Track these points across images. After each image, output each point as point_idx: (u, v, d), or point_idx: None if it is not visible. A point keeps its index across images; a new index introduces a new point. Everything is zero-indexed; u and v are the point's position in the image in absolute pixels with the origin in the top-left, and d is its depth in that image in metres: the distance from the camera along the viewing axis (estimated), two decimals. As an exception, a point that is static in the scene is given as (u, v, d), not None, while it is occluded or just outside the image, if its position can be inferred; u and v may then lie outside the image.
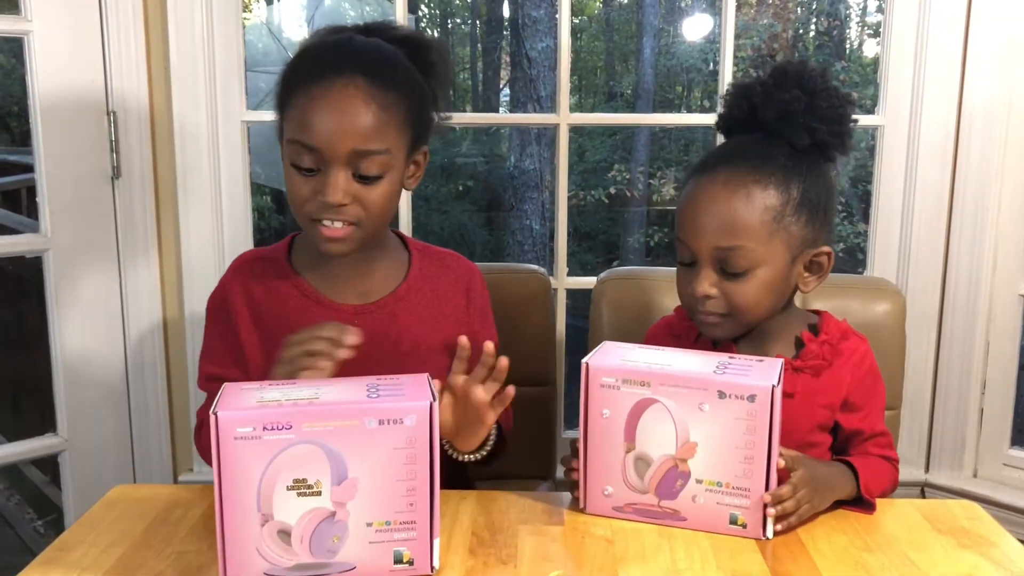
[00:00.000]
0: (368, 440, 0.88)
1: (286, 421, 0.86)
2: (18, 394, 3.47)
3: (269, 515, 0.87)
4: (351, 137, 1.09)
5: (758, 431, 0.98)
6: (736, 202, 1.08)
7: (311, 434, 0.86)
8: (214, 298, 1.25)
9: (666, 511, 1.04)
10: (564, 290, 1.88)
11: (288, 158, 1.12)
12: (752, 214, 1.08)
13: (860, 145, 7.62)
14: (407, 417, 0.88)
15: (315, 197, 1.10)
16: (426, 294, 1.24)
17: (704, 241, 1.09)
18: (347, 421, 0.87)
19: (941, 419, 1.83)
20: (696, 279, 1.11)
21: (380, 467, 0.88)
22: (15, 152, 5.57)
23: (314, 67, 1.12)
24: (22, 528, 3.26)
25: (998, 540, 1.05)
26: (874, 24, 9.00)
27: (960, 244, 1.77)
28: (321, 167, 1.10)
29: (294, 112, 1.11)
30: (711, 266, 1.10)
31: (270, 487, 0.86)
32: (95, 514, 1.09)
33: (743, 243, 1.08)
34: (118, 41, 1.69)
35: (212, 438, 0.85)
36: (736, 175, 1.09)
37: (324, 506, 0.88)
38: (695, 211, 1.10)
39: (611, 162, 8.78)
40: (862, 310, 1.51)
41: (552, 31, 6.72)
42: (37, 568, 0.96)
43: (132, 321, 1.78)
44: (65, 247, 1.71)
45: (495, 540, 1.03)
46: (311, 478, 0.87)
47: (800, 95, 1.10)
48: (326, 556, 0.90)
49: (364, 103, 1.09)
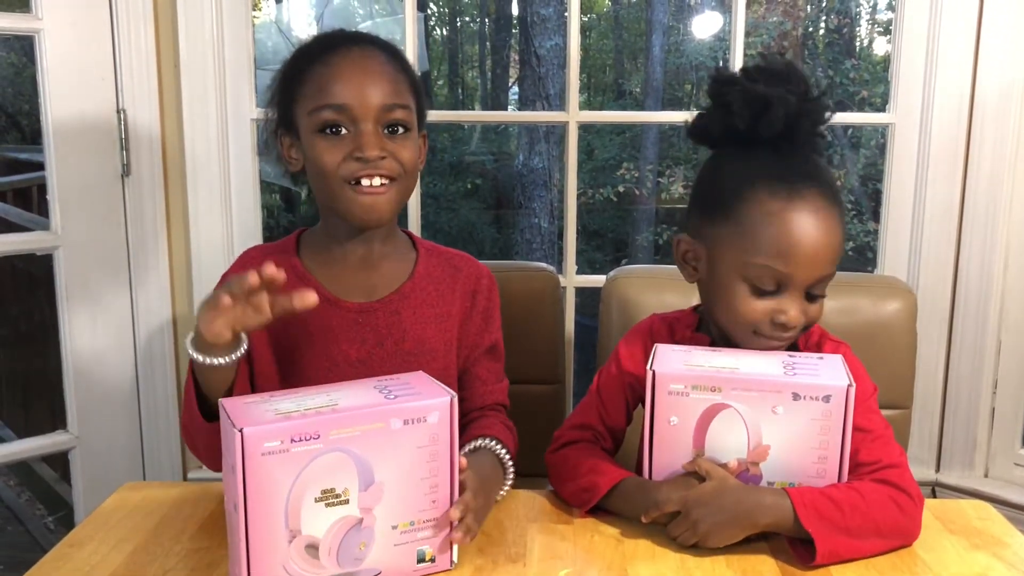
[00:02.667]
0: (393, 442, 0.87)
1: (314, 431, 0.83)
2: (28, 391, 3.49)
3: (297, 531, 0.85)
4: (379, 91, 1.12)
5: (832, 431, 0.97)
6: (833, 228, 1.04)
7: (338, 441, 0.85)
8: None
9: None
10: (573, 288, 1.88)
11: (312, 127, 1.13)
12: (841, 239, 1.06)
13: (870, 143, 7.60)
14: (430, 415, 0.88)
15: (350, 157, 1.11)
16: (430, 293, 1.24)
17: (812, 272, 1.04)
18: (373, 424, 0.86)
19: (952, 418, 1.82)
20: (788, 306, 1.05)
21: (404, 468, 0.88)
22: (26, 150, 5.60)
23: (325, 46, 1.16)
24: (33, 524, 3.28)
25: (1010, 540, 1.05)
26: (884, 22, 8.97)
27: (971, 242, 1.76)
28: (350, 127, 1.12)
29: (311, 87, 1.13)
30: (802, 292, 1.06)
31: (298, 501, 0.84)
32: (105, 511, 1.10)
33: (834, 269, 1.07)
34: (128, 39, 1.69)
35: (236, 457, 0.81)
36: (825, 200, 1.04)
37: (352, 514, 0.87)
38: (805, 241, 1.03)
39: (620, 160, 8.77)
40: (873, 309, 1.50)
41: (561, 29, 6.71)
42: (48, 564, 0.97)
43: (142, 318, 1.78)
44: (75, 244, 1.72)
45: (504, 538, 1.03)
46: (339, 487, 0.86)
47: (820, 107, 1.08)
48: (353, 565, 0.89)
49: (384, 64, 1.15)
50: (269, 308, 0.98)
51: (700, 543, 0.98)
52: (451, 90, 10.97)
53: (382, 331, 1.20)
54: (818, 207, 1.04)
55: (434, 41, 10.60)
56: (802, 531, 0.95)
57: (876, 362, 1.18)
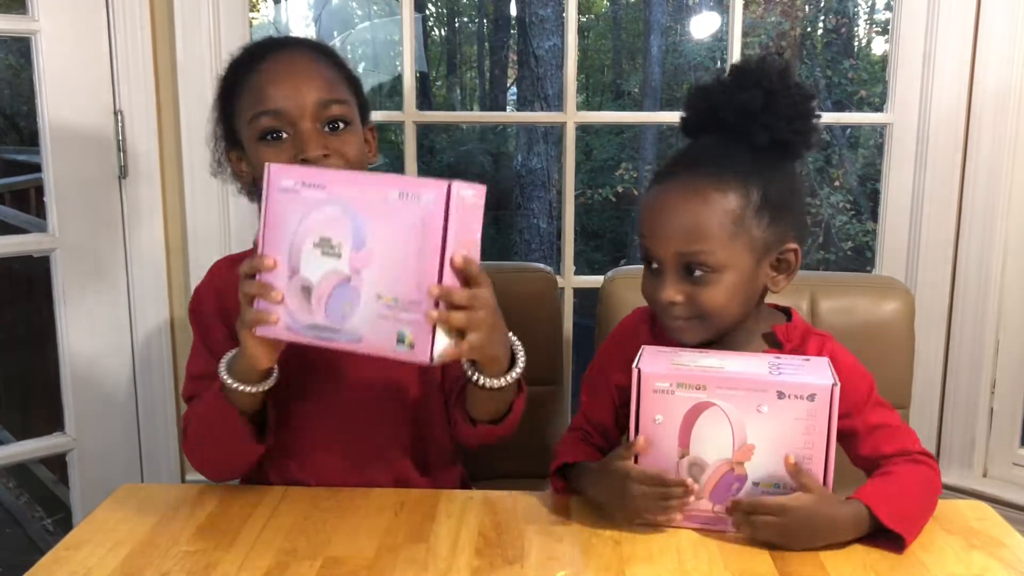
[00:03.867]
0: (387, 212, 0.91)
1: (320, 180, 0.94)
2: (26, 393, 3.49)
3: (296, 268, 0.95)
4: (312, 89, 1.12)
5: (816, 430, 0.98)
6: (695, 207, 1.07)
7: (340, 195, 0.93)
8: (191, 305, 1.28)
9: (720, 517, 1.02)
10: (571, 289, 1.88)
11: (253, 135, 1.13)
12: (711, 219, 1.06)
13: (869, 143, 7.61)
14: (425, 194, 0.89)
15: (294, 160, 1.10)
16: None
17: (666, 247, 1.08)
18: (371, 189, 0.92)
19: (950, 419, 1.82)
20: (662, 284, 1.09)
21: (394, 241, 0.91)
22: (24, 152, 5.60)
23: (254, 54, 1.17)
24: (31, 527, 3.28)
25: (1008, 540, 1.05)
26: (882, 21, 8.97)
27: (970, 242, 1.76)
28: (289, 130, 1.12)
29: (247, 97, 1.14)
30: (675, 271, 1.09)
31: (300, 242, 0.94)
32: (102, 513, 1.10)
33: (703, 247, 1.06)
34: (125, 40, 1.69)
35: (264, 186, 0.95)
36: (694, 180, 1.08)
37: (342, 269, 0.93)
38: (656, 217, 1.09)
39: (618, 161, 8.79)
40: (870, 309, 1.50)
41: (559, 29, 6.71)
42: (45, 567, 0.96)
43: (139, 320, 1.78)
44: (73, 246, 1.72)
45: (502, 540, 1.03)
46: (335, 238, 0.93)
47: (758, 94, 1.08)
48: (338, 321, 0.94)
49: (313, 61, 1.16)
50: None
51: (781, 545, 0.99)
52: (449, 91, 10.98)
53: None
54: (675, 186, 1.09)
55: (432, 42, 10.61)
56: (886, 531, 0.99)
57: (874, 362, 1.18)
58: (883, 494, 1.02)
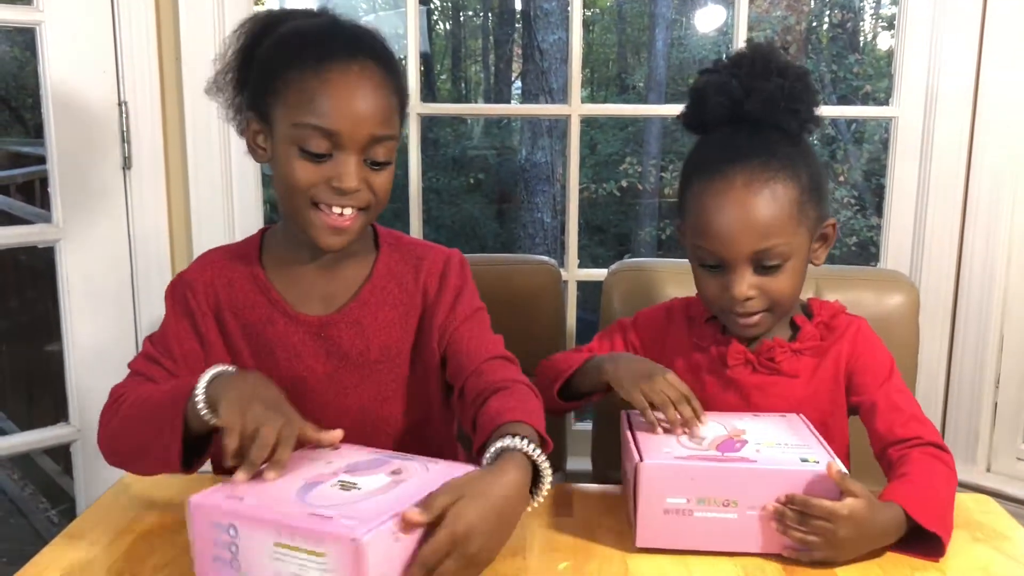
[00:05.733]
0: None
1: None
2: (31, 384, 3.50)
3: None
4: (371, 122, 1.05)
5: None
6: (763, 203, 1.08)
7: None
8: (174, 288, 1.18)
9: (731, 458, 0.98)
10: (575, 282, 1.88)
11: (291, 139, 1.05)
12: (780, 211, 1.08)
13: (873, 138, 7.59)
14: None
15: (325, 183, 1.05)
16: (392, 292, 1.18)
17: (739, 247, 1.08)
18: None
19: (955, 413, 1.82)
20: (733, 282, 1.10)
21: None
22: (29, 144, 5.60)
23: (322, 48, 1.06)
24: (35, 517, 3.29)
25: (1012, 534, 1.05)
26: (888, 16, 8.94)
27: (975, 236, 1.76)
28: (334, 152, 1.05)
29: (299, 95, 1.04)
30: (747, 267, 1.09)
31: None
32: (105, 503, 1.10)
33: (778, 240, 1.08)
34: (129, 31, 1.69)
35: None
36: (752, 174, 1.08)
37: None
38: (723, 218, 1.08)
39: (623, 155, 8.76)
40: (875, 303, 1.50)
41: (564, 23, 6.69)
42: (48, 556, 0.97)
43: (143, 311, 1.78)
44: (77, 237, 1.72)
45: (504, 531, 1.02)
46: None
47: (781, 81, 1.10)
48: None
49: (380, 87, 1.07)
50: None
51: (832, 559, 0.94)
52: (454, 84, 10.96)
53: (345, 345, 1.16)
54: (739, 183, 1.08)
55: (437, 35, 10.59)
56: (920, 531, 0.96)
57: (878, 356, 1.18)
58: (916, 496, 0.99)
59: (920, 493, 0.99)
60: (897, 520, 0.96)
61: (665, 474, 0.96)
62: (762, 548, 0.96)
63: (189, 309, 1.16)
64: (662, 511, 0.96)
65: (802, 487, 0.94)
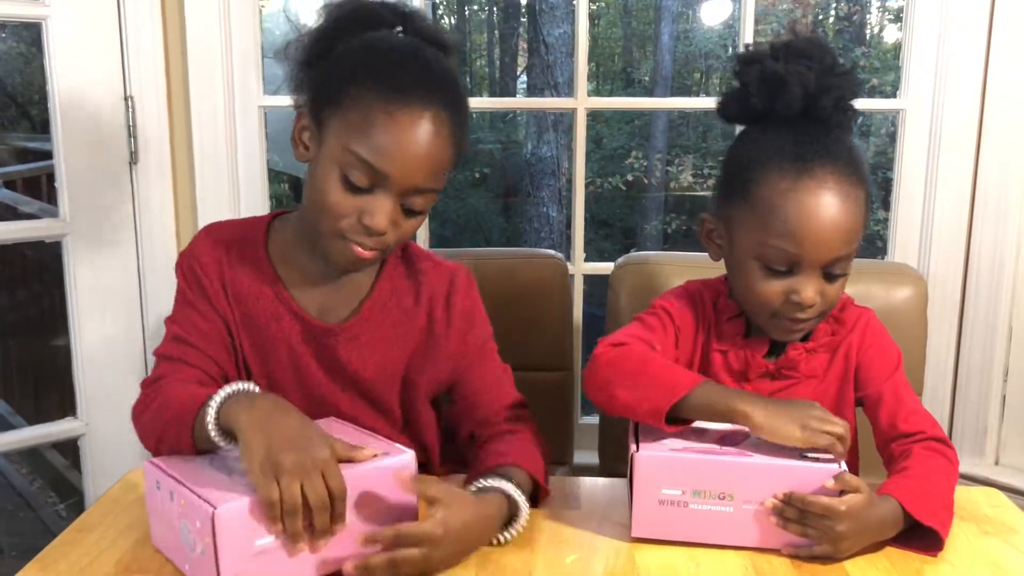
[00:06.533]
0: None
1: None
2: (38, 379, 3.50)
3: None
4: (422, 175, 1.02)
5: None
6: (850, 207, 1.03)
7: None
8: (185, 260, 1.15)
9: (728, 452, 0.97)
10: (581, 276, 1.87)
11: (337, 160, 1.01)
12: (860, 219, 1.05)
13: (880, 131, 7.55)
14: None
15: (356, 216, 1.02)
16: (392, 309, 1.15)
17: (824, 252, 1.03)
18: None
19: (963, 406, 1.81)
20: (803, 287, 1.04)
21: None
22: (36, 139, 5.61)
23: (398, 82, 1.01)
24: (44, 511, 3.30)
25: (1020, 527, 1.04)
26: (895, 9, 8.91)
27: (983, 229, 1.75)
28: (374, 189, 1.01)
29: (362, 122, 1.00)
30: (818, 272, 1.05)
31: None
32: (113, 496, 1.10)
33: (853, 247, 1.05)
34: (135, 26, 1.69)
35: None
36: (841, 176, 1.03)
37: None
38: (811, 221, 1.02)
39: (628, 149, 8.75)
40: (883, 296, 1.49)
41: (569, 17, 6.68)
42: (56, 549, 0.97)
43: (150, 305, 1.78)
44: (84, 232, 1.72)
45: (512, 524, 1.03)
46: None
47: (845, 80, 1.07)
48: None
49: (444, 140, 1.03)
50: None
51: (832, 554, 0.94)
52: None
53: (342, 358, 1.13)
54: (830, 186, 1.03)
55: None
56: (919, 525, 0.96)
57: (886, 349, 1.18)
58: (912, 490, 0.98)
59: (917, 487, 0.99)
60: (894, 513, 0.96)
61: (660, 465, 0.96)
62: (758, 543, 0.96)
63: (203, 287, 1.13)
64: (657, 502, 0.96)
65: (797, 482, 0.94)
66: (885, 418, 1.11)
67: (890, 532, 0.97)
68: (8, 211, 3.53)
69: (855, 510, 0.92)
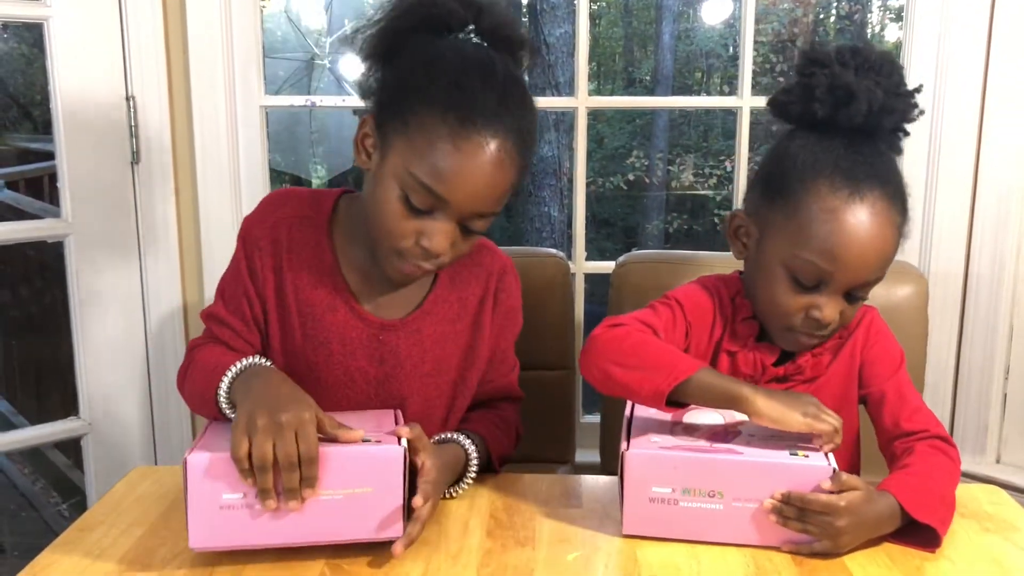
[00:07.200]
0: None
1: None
2: (41, 378, 3.51)
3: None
4: (485, 202, 1.02)
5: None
6: (889, 235, 1.02)
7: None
8: (245, 231, 1.14)
9: (718, 450, 0.97)
10: (582, 274, 1.87)
11: (399, 180, 1.01)
12: (896, 246, 1.04)
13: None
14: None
15: (415, 239, 1.02)
16: (452, 304, 1.17)
17: (856, 275, 1.02)
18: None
19: (964, 404, 1.81)
20: (824, 305, 1.03)
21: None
22: (38, 140, 5.62)
23: (467, 113, 0.99)
24: (47, 511, 3.31)
25: (1021, 524, 1.05)
26: (896, 8, 8.90)
27: (984, 227, 1.75)
28: (434, 212, 1.01)
29: (425, 145, 0.99)
30: (842, 292, 1.04)
31: None
32: (115, 495, 1.11)
33: (883, 274, 1.04)
34: (137, 26, 1.69)
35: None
36: (887, 203, 1.02)
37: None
38: (852, 243, 1.00)
39: (629, 148, 8.75)
40: (884, 294, 1.49)
41: (570, 17, 6.68)
42: (59, 547, 0.97)
43: (152, 305, 1.79)
44: (86, 232, 1.72)
45: (513, 522, 1.03)
46: None
47: (910, 105, 1.06)
48: None
49: (508, 170, 1.02)
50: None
51: (831, 550, 0.94)
52: (460, 79, 10.94)
53: (402, 353, 1.14)
54: (877, 210, 1.01)
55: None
56: (916, 522, 0.96)
57: (887, 347, 1.18)
58: (910, 487, 0.98)
59: (915, 484, 0.99)
60: (891, 509, 0.97)
61: (649, 463, 0.97)
62: (749, 540, 0.96)
63: (253, 270, 1.12)
64: (647, 499, 0.97)
65: (786, 480, 0.94)
66: (888, 416, 1.11)
67: (888, 528, 0.97)
68: (11, 211, 3.53)
69: (854, 506, 0.93)
